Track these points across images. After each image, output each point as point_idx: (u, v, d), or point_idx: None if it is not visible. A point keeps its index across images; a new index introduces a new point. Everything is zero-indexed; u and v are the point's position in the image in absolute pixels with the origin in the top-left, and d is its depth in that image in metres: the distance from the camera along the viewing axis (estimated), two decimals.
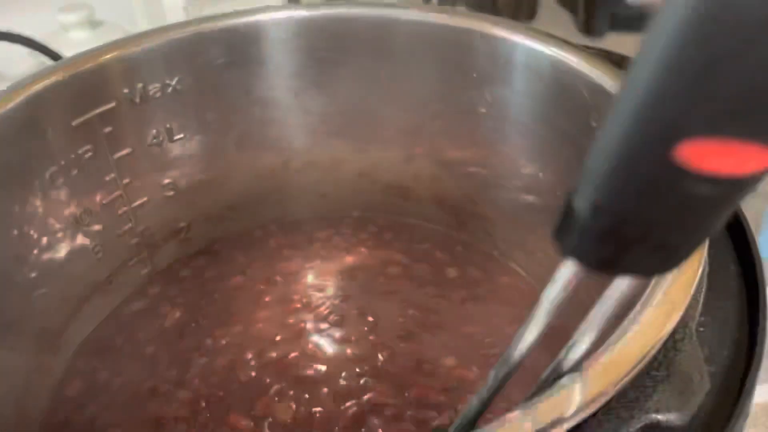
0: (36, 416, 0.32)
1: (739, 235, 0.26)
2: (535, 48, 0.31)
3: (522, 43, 0.32)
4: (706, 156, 0.12)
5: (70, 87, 0.33)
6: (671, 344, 0.19)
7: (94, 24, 0.55)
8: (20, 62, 0.53)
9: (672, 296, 0.19)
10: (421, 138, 0.39)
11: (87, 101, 0.34)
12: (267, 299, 0.39)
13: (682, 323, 0.20)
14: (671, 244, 0.14)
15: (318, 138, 0.41)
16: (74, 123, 0.33)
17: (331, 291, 0.38)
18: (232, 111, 0.39)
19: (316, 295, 0.38)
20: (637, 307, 0.19)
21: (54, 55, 0.50)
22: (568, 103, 0.31)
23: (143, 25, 0.61)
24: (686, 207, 0.13)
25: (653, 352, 0.17)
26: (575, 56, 0.30)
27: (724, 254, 0.25)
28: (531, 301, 0.37)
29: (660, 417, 0.17)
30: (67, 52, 0.48)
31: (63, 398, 0.34)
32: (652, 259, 0.14)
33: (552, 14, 0.75)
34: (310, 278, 0.40)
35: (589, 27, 0.70)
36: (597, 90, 0.29)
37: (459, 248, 0.40)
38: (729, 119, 0.12)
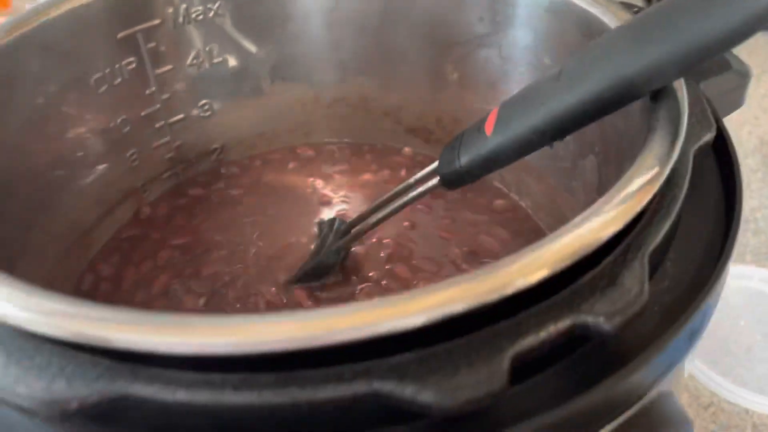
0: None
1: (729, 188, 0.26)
2: None
3: None
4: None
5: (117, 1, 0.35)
6: (620, 262, 0.20)
7: None
8: None
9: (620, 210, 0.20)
10: (445, 81, 0.40)
11: (133, 16, 0.36)
12: (282, 215, 0.41)
13: (635, 246, 0.21)
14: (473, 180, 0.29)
15: (348, 74, 0.42)
16: (120, 35, 0.36)
17: (346, 207, 0.40)
18: (269, 41, 0.41)
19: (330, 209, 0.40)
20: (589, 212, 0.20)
21: None
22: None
23: None
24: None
25: (584, 250, 0.19)
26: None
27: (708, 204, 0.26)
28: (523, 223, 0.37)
29: (589, 318, 0.19)
30: None
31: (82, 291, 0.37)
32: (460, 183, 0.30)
33: None
34: (323, 192, 0.42)
35: None
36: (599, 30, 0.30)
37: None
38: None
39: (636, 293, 0.19)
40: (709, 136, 0.25)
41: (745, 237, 0.54)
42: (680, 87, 0.24)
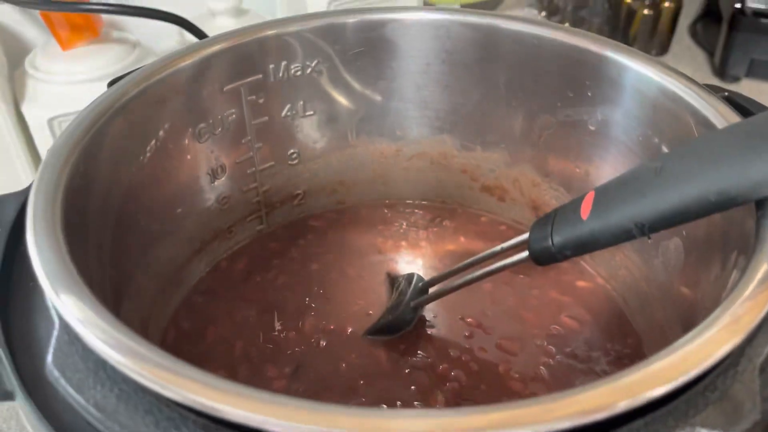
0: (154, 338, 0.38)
1: None
2: (645, 74, 0.34)
3: (634, 68, 0.35)
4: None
5: (228, 56, 0.37)
6: (732, 374, 0.21)
7: (239, 12, 0.58)
8: (167, 39, 0.58)
9: (734, 326, 0.21)
10: (527, 145, 0.42)
11: (239, 70, 0.38)
12: (358, 277, 0.42)
13: (747, 357, 0.22)
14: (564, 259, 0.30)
15: (431, 131, 0.44)
16: (225, 88, 0.38)
17: (422, 271, 0.41)
18: (359, 97, 0.42)
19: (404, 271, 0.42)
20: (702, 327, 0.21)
21: (201, 36, 0.52)
22: (672, 131, 0.33)
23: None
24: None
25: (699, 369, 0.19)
26: (686, 87, 0.32)
27: None
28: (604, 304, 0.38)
29: (703, 431, 0.20)
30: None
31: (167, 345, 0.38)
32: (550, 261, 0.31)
33: (686, 52, 0.75)
34: (401, 259, 0.43)
35: (724, 70, 0.68)
36: (702, 122, 0.31)
37: None
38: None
39: (748, 409, 0.20)
40: None
41: None
42: None
